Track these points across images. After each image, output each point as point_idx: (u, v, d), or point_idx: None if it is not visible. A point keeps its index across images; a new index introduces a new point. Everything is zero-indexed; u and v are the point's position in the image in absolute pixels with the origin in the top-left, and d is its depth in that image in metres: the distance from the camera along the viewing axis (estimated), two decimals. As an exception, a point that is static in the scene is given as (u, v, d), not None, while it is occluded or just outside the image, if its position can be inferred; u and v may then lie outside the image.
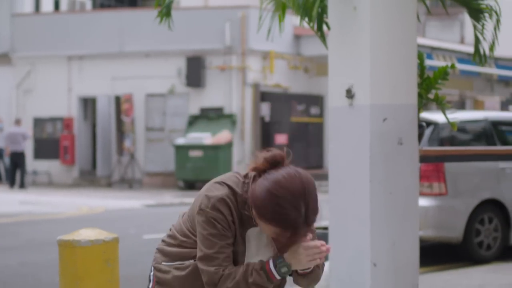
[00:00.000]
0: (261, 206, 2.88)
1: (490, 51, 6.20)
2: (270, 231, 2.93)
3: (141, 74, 21.94)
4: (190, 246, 3.10)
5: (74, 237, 4.06)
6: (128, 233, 11.23)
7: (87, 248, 4.04)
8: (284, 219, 2.85)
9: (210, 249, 2.97)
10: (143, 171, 21.91)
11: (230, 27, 21.45)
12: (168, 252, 3.20)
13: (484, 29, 6.10)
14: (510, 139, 9.88)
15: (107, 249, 4.10)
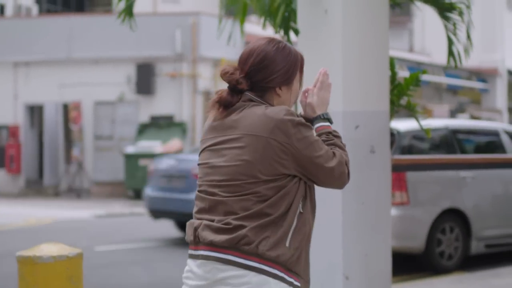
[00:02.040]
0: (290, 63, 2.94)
1: (466, 53, 6.03)
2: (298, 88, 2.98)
3: (89, 81, 21.51)
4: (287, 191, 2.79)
5: (35, 253, 3.78)
6: (79, 245, 10.84)
7: (50, 264, 3.76)
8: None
9: (323, 149, 2.83)
10: (92, 180, 21.46)
11: (181, 34, 21.18)
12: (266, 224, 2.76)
13: (457, 29, 5.94)
14: (470, 148, 9.82)
15: (70, 265, 3.83)
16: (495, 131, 10.01)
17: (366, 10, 5.13)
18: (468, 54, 6.11)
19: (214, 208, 2.79)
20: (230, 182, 2.77)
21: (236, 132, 2.79)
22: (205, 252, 2.76)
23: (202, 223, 2.78)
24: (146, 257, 10.33)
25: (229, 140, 2.81)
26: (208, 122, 2.90)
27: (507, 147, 9.82)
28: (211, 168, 2.83)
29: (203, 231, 2.77)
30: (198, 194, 2.87)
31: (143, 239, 12.10)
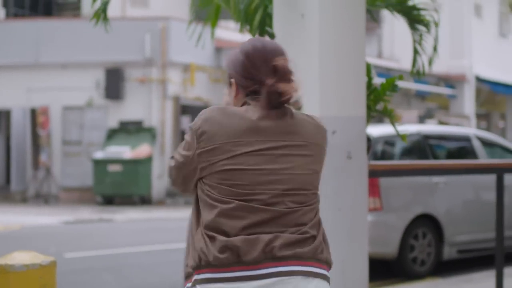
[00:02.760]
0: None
1: (429, 64, 6.14)
2: None
3: (58, 86, 21.28)
4: None
5: (7, 261, 3.66)
6: (48, 252, 10.68)
7: (22, 273, 3.64)
8: None
9: None
10: (60, 186, 21.22)
11: (150, 39, 21.05)
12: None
13: (423, 40, 6.03)
14: (442, 153, 9.83)
15: (44, 274, 3.71)
16: (467, 136, 10.04)
17: (343, 15, 5.08)
18: (431, 65, 6.19)
19: (280, 219, 2.53)
20: (299, 191, 2.58)
21: (300, 139, 2.61)
22: (288, 268, 2.48)
23: (276, 236, 2.49)
24: (117, 263, 10.20)
25: (293, 146, 2.59)
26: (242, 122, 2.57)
27: (478, 152, 9.85)
28: (273, 175, 2.54)
29: (282, 244, 2.49)
30: (246, 205, 2.52)
31: (112, 245, 11.96)
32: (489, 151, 10.06)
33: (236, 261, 2.47)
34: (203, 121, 2.57)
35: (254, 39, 2.74)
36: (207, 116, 2.58)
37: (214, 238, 2.50)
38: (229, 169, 2.53)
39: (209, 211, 2.55)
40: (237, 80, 2.67)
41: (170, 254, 11.06)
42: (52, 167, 21.30)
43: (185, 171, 2.63)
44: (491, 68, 29.92)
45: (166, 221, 16.51)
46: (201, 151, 2.57)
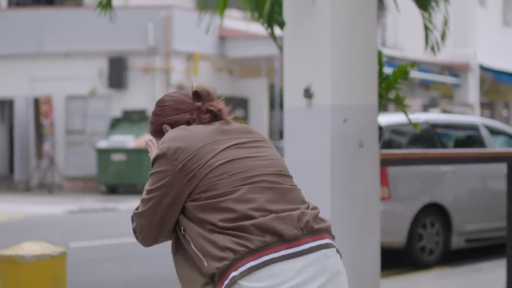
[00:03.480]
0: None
1: (442, 40, 6.06)
2: None
3: (61, 75, 21.20)
4: None
5: (17, 252, 3.60)
6: (53, 242, 10.59)
7: (32, 264, 3.58)
8: None
9: None
10: (63, 176, 21.17)
11: (154, 28, 20.95)
12: None
13: (432, 17, 5.96)
14: (450, 142, 9.76)
15: (54, 265, 3.66)
16: (475, 125, 9.96)
17: (354, 1, 5.00)
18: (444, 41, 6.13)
19: (287, 197, 2.57)
20: (285, 173, 2.67)
21: (257, 136, 2.76)
22: (325, 241, 2.50)
23: (303, 212, 2.51)
24: (121, 253, 10.14)
25: (256, 140, 2.72)
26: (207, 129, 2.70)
27: (486, 141, 9.78)
28: (261, 160, 2.62)
29: (310, 219, 2.51)
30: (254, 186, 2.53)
31: (117, 235, 11.90)
32: (497, 139, 9.99)
33: (277, 240, 2.43)
34: (170, 142, 2.61)
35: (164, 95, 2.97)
36: (170, 137, 2.63)
37: (244, 226, 2.45)
38: (221, 163, 2.57)
39: (219, 209, 2.50)
40: (170, 121, 2.79)
41: (175, 243, 11.00)
42: (56, 156, 21.24)
43: (165, 204, 2.57)
44: (495, 57, 29.81)
45: (170, 210, 16.46)
46: (182, 164, 2.55)
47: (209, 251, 2.45)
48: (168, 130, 2.75)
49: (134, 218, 2.67)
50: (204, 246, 2.46)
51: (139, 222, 2.65)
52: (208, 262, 2.44)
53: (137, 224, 2.66)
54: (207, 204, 2.51)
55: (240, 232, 2.44)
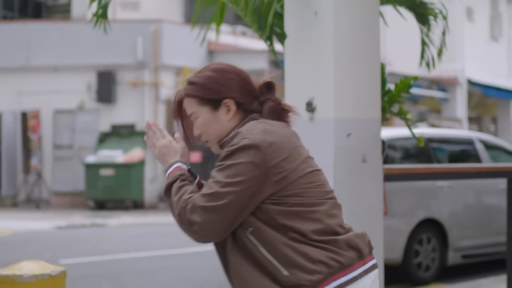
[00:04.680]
0: None
1: (439, 56, 6.08)
2: None
3: (49, 89, 21.03)
4: None
5: (15, 272, 3.45)
6: (43, 258, 10.43)
7: (31, 284, 3.42)
8: None
9: None
10: (51, 191, 20.96)
11: (143, 42, 20.83)
12: None
13: (430, 32, 5.95)
14: (445, 157, 9.68)
15: (54, 285, 3.50)
16: (470, 139, 9.89)
17: (358, 12, 4.90)
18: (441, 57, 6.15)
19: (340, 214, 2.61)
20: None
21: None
22: (375, 260, 2.56)
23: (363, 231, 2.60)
24: (113, 270, 9.98)
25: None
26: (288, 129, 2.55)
27: (481, 155, 9.70)
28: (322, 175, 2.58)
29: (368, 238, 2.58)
30: (334, 202, 2.54)
31: (107, 251, 11.74)
32: (492, 154, 9.92)
33: (358, 257, 2.44)
34: (262, 134, 2.39)
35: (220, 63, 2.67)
36: (259, 129, 2.41)
37: (337, 241, 2.41)
38: (310, 171, 2.47)
39: (311, 219, 2.40)
40: (239, 100, 2.56)
41: (168, 260, 10.85)
42: (43, 171, 21.04)
43: (245, 201, 2.33)
44: (483, 72, 29.88)
45: (160, 226, 16.29)
46: (276, 162, 2.37)
47: (297, 262, 2.33)
48: (231, 109, 2.53)
49: (198, 212, 2.35)
50: (288, 255, 2.33)
51: (206, 217, 2.34)
52: (292, 272, 2.32)
53: (202, 219, 2.35)
54: (296, 212, 2.38)
55: (333, 247, 2.39)
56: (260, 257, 2.33)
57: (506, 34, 32.15)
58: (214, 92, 2.54)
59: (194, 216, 2.35)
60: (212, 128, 2.56)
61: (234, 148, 2.35)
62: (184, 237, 10.62)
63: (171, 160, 2.60)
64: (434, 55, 5.99)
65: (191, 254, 11.44)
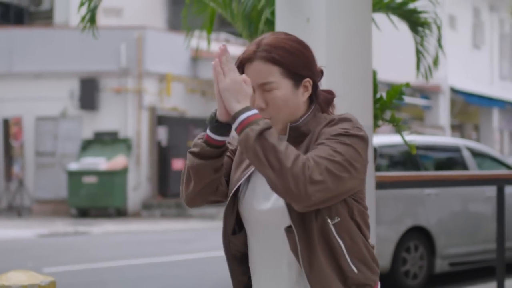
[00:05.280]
0: None
1: (434, 65, 6.12)
2: None
3: (31, 96, 20.87)
4: None
5: (3, 282, 3.37)
6: (26, 267, 10.33)
7: (20, 295, 3.35)
8: None
9: None
10: (33, 198, 20.78)
11: (126, 48, 20.72)
12: None
13: (424, 41, 5.97)
14: (432, 164, 9.65)
15: (43, 296, 3.42)
16: (457, 147, 9.87)
17: (350, 19, 4.85)
18: (437, 66, 6.20)
19: None
20: None
21: None
22: None
23: None
24: (100, 279, 9.87)
25: None
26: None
27: (468, 163, 9.68)
28: None
29: None
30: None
31: (92, 260, 11.62)
32: (478, 162, 9.91)
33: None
34: (362, 128, 2.26)
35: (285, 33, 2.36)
36: (358, 121, 2.29)
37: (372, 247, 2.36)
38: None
39: (367, 223, 2.34)
40: (316, 82, 2.36)
41: (154, 268, 10.75)
42: (25, 178, 20.86)
43: (349, 186, 2.19)
44: (465, 80, 29.98)
45: (143, 233, 16.19)
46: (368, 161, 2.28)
47: (367, 261, 2.27)
48: (309, 90, 2.30)
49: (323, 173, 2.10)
50: (363, 253, 2.26)
51: (328, 180, 2.11)
52: (361, 271, 2.25)
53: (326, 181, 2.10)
54: (364, 213, 2.31)
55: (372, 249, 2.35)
56: (337, 248, 2.22)
57: (488, 42, 32.30)
58: (304, 67, 2.28)
59: (317, 175, 2.08)
60: (288, 106, 2.26)
61: (354, 133, 2.19)
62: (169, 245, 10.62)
63: (244, 102, 2.18)
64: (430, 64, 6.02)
65: (177, 262, 11.35)
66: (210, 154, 2.31)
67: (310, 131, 2.27)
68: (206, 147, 2.31)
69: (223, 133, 2.29)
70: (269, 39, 2.28)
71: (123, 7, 24.57)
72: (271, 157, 2.09)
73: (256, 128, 2.11)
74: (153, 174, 21.08)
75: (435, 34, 5.95)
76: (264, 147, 2.10)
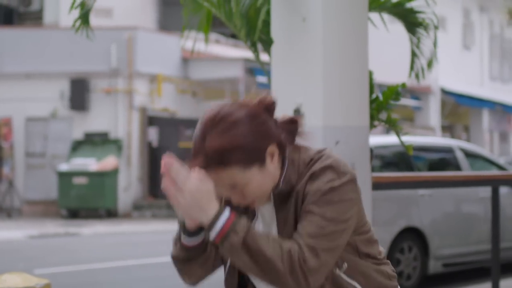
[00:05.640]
0: None
1: (428, 67, 6.10)
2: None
3: (21, 97, 20.76)
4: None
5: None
6: (17, 268, 10.24)
7: (15, 298, 3.30)
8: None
9: None
10: (23, 199, 20.67)
11: (116, 49, 20.64)
12: None
13: (420, 42, 5.95)
14: (425, 165, 9.63)
15: (39, 298, 3.38)
16: (450, 148, 9.85)
17: (346, 19, 4.82)
18: (430, 68, 6.18)
19: None
20: None
21: None
22: None
23: None
24: (91, 280, 9.80)
25: None
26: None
27: (461, 164, 9.67)
28: None
29: None
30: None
31: (83, 261, 11.55)
32: (471, 162, 9.89)
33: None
34: (347, 166, 2.16)
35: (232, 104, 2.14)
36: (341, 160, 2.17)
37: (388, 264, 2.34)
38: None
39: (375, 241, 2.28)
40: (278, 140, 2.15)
41: (145, 269, 10.69)
42: (15, 179, 20.75)
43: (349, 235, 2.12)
44: (456, 81, 30.03)
45: (134, 234, 16.12)
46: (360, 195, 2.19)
47: (384, 284, 2.23)
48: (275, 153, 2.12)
49: (320, 256, 2.02)
50: (379, 281, 2.22)
51: (325, 260, 2.03)
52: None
53: (321, 263, 2.02)
54: (369, 238, 2.23)
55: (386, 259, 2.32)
56: None
57: (478, 42, 32.37)
58: (260, 143, 2.09)
59: (315, 262, 2.01)
60: (265, 186, 2.11)
61: (339, 183, 2.07)
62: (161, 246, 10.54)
63: (211, 208, 2.02)
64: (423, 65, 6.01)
65: (169, 264, 11.26)
66: (194, 255, 2.22)
67: (293, 186, 2.13)
68: (187, 251, 2.22)
69: (198, 233, 2.17)
70: (213, 141, 2.05)
71: (113, 8, 24.47)
72: (261, 264, 1.99)
73: (236, 240, 1.98)
74: (144, 174, 21.02)
75: (431, 35, 5.92)
76: (251, 256, 1.99)
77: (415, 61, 6.00)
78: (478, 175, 7.26)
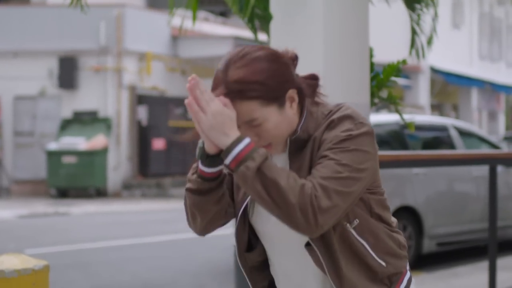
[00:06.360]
0: None
1: (428, 44, 6.05)
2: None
3: (9, 75, 20.56)
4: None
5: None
6: (8, 249, 10.16)
7: (13, 280, 3.20)
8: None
9: None
10: (12, 179, 20.53)
11: (105, 26, 20.45)
12: None
13: (420, 20, 5.89)
14: (419, 144, 9.58)
15: (37, 280, 3.29)
16: (444, 126, 9.80)
17: (347, -6, 4.72)
18: (430, 45, 6.13)
19: None
20: None
21: None
22: None
23: None
24: (82, 260, 9.72)
25: None
26: None
27: (456, 142, 9.62)
28: None
29: None
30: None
31: (74, 241, 11.46)
32: (465, 140, 9.84)
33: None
34: (366, 120, 2.12)
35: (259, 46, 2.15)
36: (360, 114, 2.17)
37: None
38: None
39: (388, 207, 2.24)
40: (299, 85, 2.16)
41: (137, 249, 10.62)
42: (3, 159, 20.60)
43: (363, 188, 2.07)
44: (445, 59, 29.97)
45: (124, 214, 16.03)
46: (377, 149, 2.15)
47: (394, 251, 2.17)
48: (295, 99, 2.12)
49: (331, 196, 1.97)
50: (388, 245, 2.16)
51: (336, 203, 1.99)
52: (390, 262, 2.16)
53: (333, 204, 1.97)
54: (383, 200, 2.19)
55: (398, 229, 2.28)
56: (361, 249, 2.12)
57: (467, 21, 32.29)
58: (282, 84, 2.09)
59: (327, 202, 1.97)
60: (282, 128, 2.10)
61: (357, 133, 2.06)
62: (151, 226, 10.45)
63: (232, 133, 2.00)
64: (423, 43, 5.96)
65: (160, 243, 11.23)
66: (209, 188, 2.15)
67: (310, 135, 2.12)
68: (203, 182, 2.14)
69: (216, 163, 2.11)
70: (235, 72, 2.06)
71: (101, -15, 24.23)
72: (274, 194, 1.96)
73: (252, 166, 1.95)
74: (134, 153, 20.90)
75: (430, 12, 5.86)
76: (265, 185, 1.96)
77: (415, 39, 5.93)
78: (476, 154, 7.19)
